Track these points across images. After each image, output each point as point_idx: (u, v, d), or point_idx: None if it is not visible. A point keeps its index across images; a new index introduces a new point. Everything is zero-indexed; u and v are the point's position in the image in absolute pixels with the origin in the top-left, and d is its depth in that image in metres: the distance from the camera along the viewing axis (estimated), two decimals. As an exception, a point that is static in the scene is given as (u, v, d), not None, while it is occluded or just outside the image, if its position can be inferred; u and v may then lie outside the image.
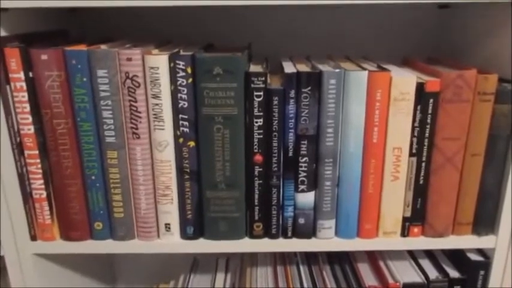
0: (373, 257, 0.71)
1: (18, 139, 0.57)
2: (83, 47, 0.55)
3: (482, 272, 0.63)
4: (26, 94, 0.55)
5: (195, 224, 0.61)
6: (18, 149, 0.57)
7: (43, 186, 0.59)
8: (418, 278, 0.64)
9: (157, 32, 0.78)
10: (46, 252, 0.62)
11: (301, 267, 0.72)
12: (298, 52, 0.78)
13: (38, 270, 0.64)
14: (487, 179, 0.59)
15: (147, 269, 0.92)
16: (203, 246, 0.61)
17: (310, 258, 0.75)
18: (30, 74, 0.55)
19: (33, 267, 0.62)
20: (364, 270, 0.69)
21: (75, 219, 0.60)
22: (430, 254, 0.70)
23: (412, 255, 0.70)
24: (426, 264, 0.67)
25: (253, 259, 0.76)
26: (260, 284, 0.70)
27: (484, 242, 0.61)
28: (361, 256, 0.73)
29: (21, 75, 0.55)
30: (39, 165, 0.58)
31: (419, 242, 0.61)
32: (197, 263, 0.82)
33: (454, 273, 0.64)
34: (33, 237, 0.61)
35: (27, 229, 0.60)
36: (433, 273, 0.65)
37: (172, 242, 0.61)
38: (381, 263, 0.69)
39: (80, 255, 0.76)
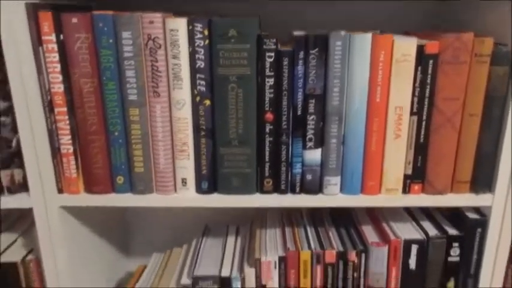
0: (375, 219, 0.75)
1: (48, 97, 0.62)
2: (109, 12, 0.60)
3: (479, 230, 0.66)
4: (57, 55, 0.60)
5: (210, 179, 0.65)
6: (49, 106, 0.62)
7: (70, 142, 0.64)
8: (418, 235, 0.68)
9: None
10: (72, 205, 0.67)
11: (308, 229, 0.76)
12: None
13: (63, 224, 0.68)
14: (484, 139, 0.62)
15: (159, 236, 0.97)
16: (217, 200, 0.66)
17: (316, 221, 0.79)
18: (61, 37, 0.60)
19: (59, 220, 0.67)
20: (368, 230, 0.73)
21: (99, 173, 0.65)
22: (429, 215, 0.74)
23: (413, 216, 0.74)
24: (426, 224, 0.71)
25: (262, 222, 0.80)
26: (269, 246, 0.74)
27: (481, 200, 0.65)
28: (364, 218, 0.77)
29: (53, 37, 0.60)
30: (67, 122, 0.63)
31: (419, 199, 0.65)
32: (208, 230, 0.87)
33: (452, 231, 0.68)
34: (60, 191, 0.66)
35: (55, 182, 0.65)
36: (432, 231, 0.68)
37: (188, 197, 0.66)
38: (383, 224, 0.72)
39: (100, 215, 0.81)
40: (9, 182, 0.66)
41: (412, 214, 0.75)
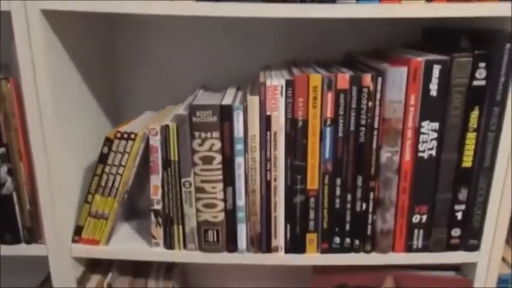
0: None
1: None
2: None
3: (508, 46, 0.59)
4: None
5: (211, -19, 0.58)
6: None
7: None
8: (441, 57, 0.61)
9: None
10: (55, 9, 0.59)
11: (318, 69, 0.69)
12: None
13: (44, 36, 0.61)
14: None
15: (152, 97, 0.89)
16: (220, 9, 0.59)
17: (327, 66, 0.72)
18: None
19: (41, 26, 0.60)
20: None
21: (86, -28, 0.58)
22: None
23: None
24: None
25: (265, 73, 0.73)
26: (275, 74, 0.67)
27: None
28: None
29: None
30: None
31: (445, 9, 0.58)
32: (206, 87, 0.80)
33: (479, 51, 0.61)
34: (41, -7, 0.58)
35: (35, -18, 0.58)
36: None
37: (188, 4, 0.58)
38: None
39: (88, 52, 0.74)
40: (-17, -18, 0.59)
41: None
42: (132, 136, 0.66)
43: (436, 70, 0.61)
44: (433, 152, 0.65)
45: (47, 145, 0.64)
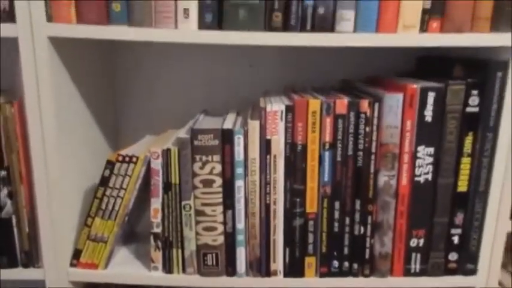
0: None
1: None
2: None
3: (499, 74, 0.62)
4: None
5: (214, 10, 0.60)
6: None
7: (63, -40, 0.58)
8: (436, 84, 0.64)
9: None
10: (61, 36, 0.61)
11: (316, 94, 0.71)
12: None
13: (51, 60, 0.62)
14: (506, -28, 0.59)
15: (152, 121, 0.90)
16: (221, 36, 0.61)
17: (324, 92, 0.74)
18: None
19: (47, 53, 0.61)
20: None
21: (93, -1, 0.60)
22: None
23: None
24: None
25: (265, 98, 0.75)
26: (275, 100, 0.69)
27: (503, 39, 0.61)
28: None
29: None
30: None
31: (438, 38, 0.61)
32: (207, 111, 0.81)
33: (472, 79, 0.63)
34: (49, 18, 0.60)
35: (44, 8, 0.60)
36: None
37: (190, 31, 0.61)
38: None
39: (91, 77, 0.76)
40: (-7, 9, 0.60)
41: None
42: (134, 159, 0.66)
43: (431, 97, 0.63)
44: (429, 177, 0.66)
45: (48, 166, 0.65)
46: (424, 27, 0.61)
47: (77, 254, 0.70)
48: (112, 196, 0.68)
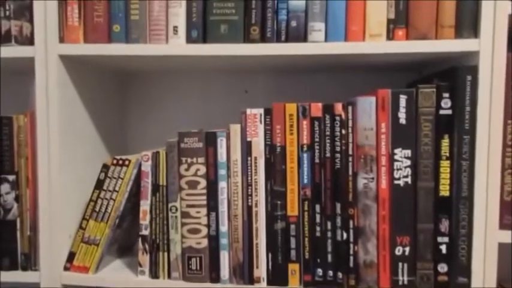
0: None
1: (62, -48, 0.70)
2: None
3: (469, 77, 0.64)
4: None
5: (199, 27, 0.68)
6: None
7: (76, -10, 0.70)
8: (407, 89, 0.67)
9: None
10: (70, 54, 0.70)
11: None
12: None
13: (60, 76, 0.72)
14: (463, -16, 0.64)
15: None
16: (206, 49, 0.68)
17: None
18: None
19: (57, 70, 0.71)
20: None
21: (98, 22, 0.70)
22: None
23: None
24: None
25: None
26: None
27: (467, 44, 0.65)
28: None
29: None
30: (76, -28, 0.70)
31: (404, 45, 0.66)
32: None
33: (442, 83, 0.66)
34: (62, 39, 0.70)
35: (58, 31, 0.70)
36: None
37: (179, 45, 0.69)
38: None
39: (98, 93, 0.85)
40: (18, 32, 0.72)
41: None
42: (126, 162, 0.72)
43: (403, 100, 0.66)
44: (409, 180, 0.66)
45: (51, 172, 0.72)
46: (390, 36, 0.66)
47: (71, 256, 0.74)
48: (106, 198, 0.73)
